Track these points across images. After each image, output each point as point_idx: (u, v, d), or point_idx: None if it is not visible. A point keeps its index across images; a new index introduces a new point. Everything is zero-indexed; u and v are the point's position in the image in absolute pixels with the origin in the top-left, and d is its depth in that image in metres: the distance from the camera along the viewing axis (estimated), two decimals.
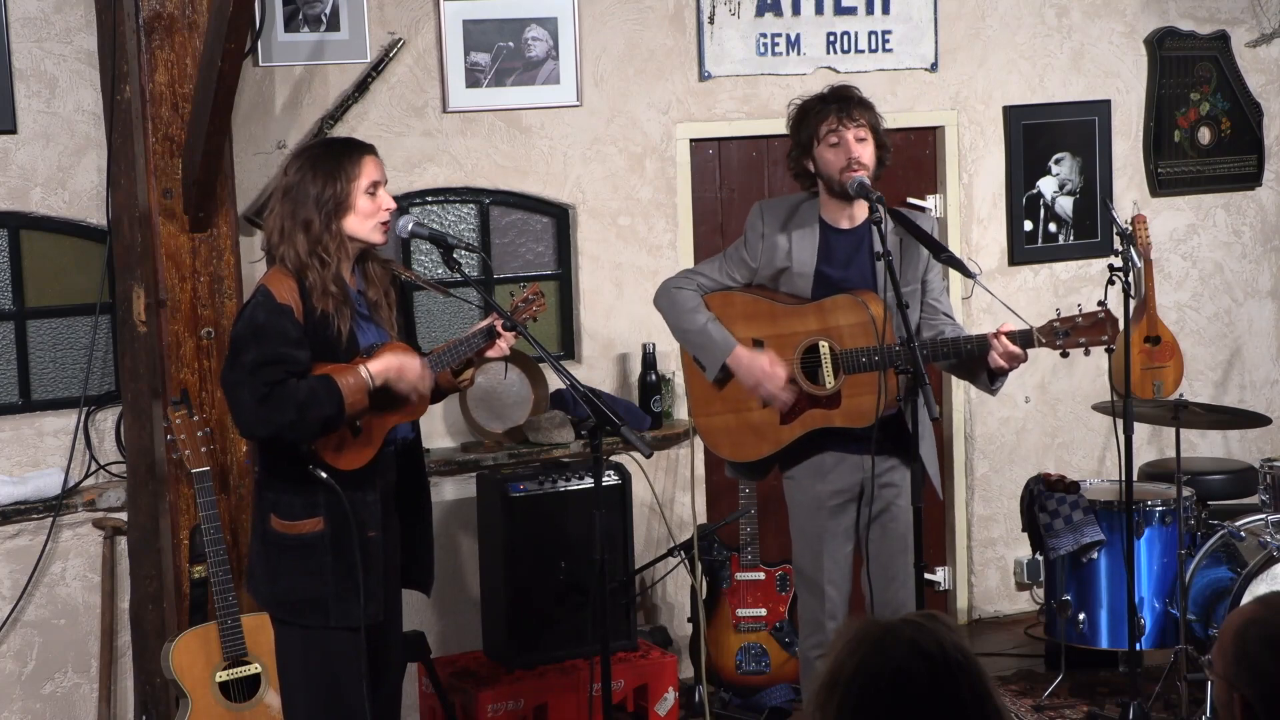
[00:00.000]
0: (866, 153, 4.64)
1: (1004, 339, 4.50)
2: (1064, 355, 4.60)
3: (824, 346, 4.66)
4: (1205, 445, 7.11)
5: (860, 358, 4.61)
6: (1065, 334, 4.54)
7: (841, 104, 4.67)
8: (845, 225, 4.73)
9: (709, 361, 4.79)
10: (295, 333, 4.08)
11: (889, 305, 4.59)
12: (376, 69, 5.76)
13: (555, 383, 5.89)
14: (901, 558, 4.71)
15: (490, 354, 4.36)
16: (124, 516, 5.48)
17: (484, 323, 4.36)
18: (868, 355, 4.59)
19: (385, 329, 4.26)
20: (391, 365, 4.14)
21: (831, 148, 4.64)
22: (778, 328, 4.73)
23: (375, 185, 4.17)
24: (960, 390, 6.75)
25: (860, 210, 4.71)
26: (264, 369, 4.04)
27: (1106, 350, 4.64)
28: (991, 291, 4.97)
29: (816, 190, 4.75)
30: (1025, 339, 4.53)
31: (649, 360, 6.10)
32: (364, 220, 4.15)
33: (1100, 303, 4.57)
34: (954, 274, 5.82)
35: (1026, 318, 6.82)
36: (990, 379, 4.64)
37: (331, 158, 4.16)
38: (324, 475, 4.10)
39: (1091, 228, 6.95)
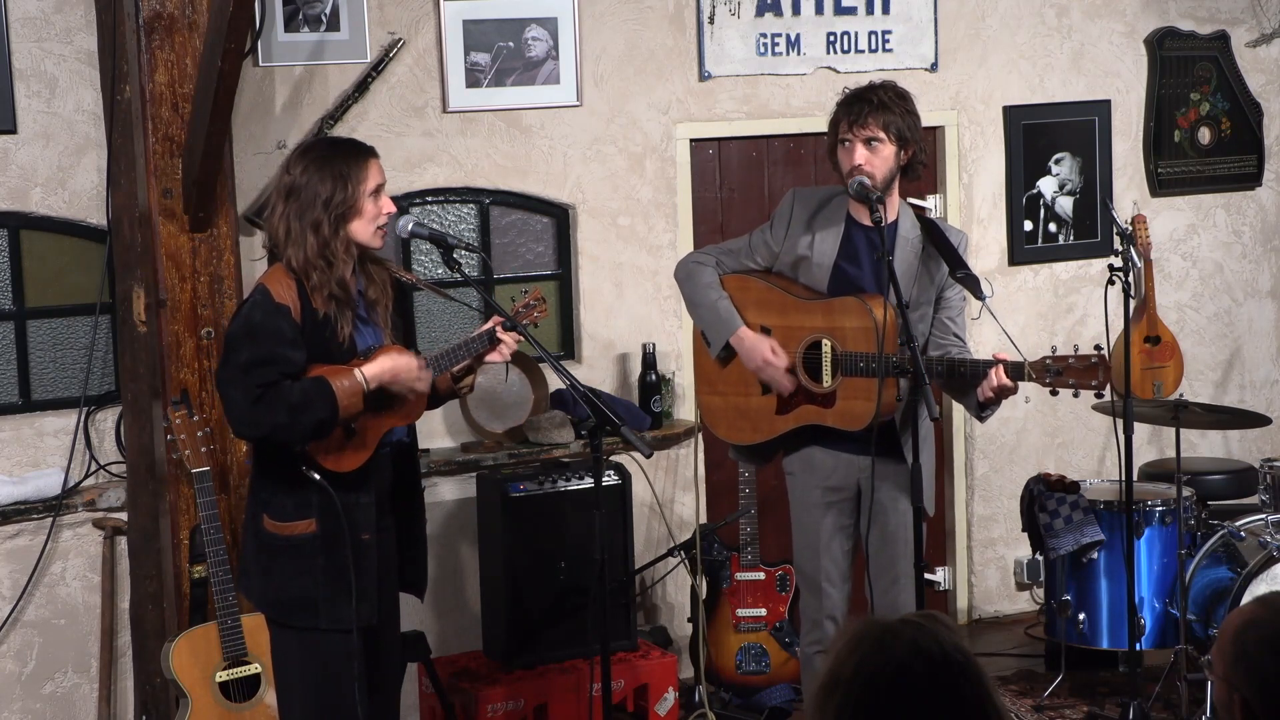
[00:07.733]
0: (876, 158, 4.60)
1: (1000, 371, 4.44)
2: (1053, 393, 4.54)
3: (826, 345, 4.66)
4: (1205, 445, 7.10)
5: (859, 361, 4.60)
6: (1057, 373, 4.45)
7: (850, 106, 4.64)
8: (871, 224, 4.69)
9: (714, 338, 4.81)
10: (291, 333, 4.05)
11: (896, 312, 4.57)
12: (376, 69, 5.76)
13: (555, 383, 5.89)
14: (902, 558, 4.71)
15: (491, 358, 4.33)
16: (124, 516, 5.47)
17: (485, 326, 4.34)
18: (865, 360, 4.59)
19: (381, 329, 4.24)
20: (386, 368, 4.12)
21: (844, 151, 4.65)
22: (786, 320, 4.73)
23: (379, 188, 4.17)
24: None
25: (890, 212, 4.67)
26: (257, 369, 4.02)
27: (1096, 395, 4.58)
28: (996, 316, 4.93)
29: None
30: (1016, 371, 4.48)
31: (649, 360, 6.10)
32: (368, 224, 4.14)
33: (1097, 346, 4.51)
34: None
35: (1026, 318, 6.87)
36: (980, 407, 4.60)
37: (339, 160, 4.12)
38: (316, 476, 4.09)
39: (1091, 228, 6.95)
